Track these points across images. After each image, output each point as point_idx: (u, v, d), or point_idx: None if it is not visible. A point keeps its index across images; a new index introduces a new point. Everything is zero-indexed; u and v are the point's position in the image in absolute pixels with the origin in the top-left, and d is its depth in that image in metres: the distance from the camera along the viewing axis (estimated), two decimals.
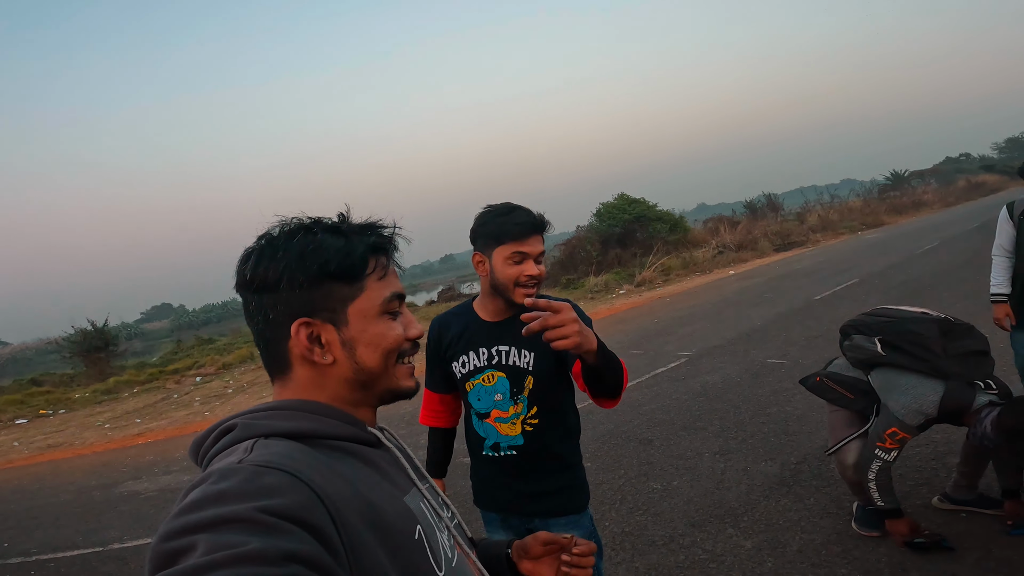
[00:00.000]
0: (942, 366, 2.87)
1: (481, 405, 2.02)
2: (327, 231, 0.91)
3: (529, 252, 1.85)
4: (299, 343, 0.89)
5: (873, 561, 2.95)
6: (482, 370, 2.00)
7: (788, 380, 6.12)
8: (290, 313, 0.89)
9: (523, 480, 2.02)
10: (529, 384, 1.96)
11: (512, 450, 1.99)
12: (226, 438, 0.83)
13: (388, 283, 0.94)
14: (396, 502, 0.86)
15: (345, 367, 0.91)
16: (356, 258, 0.90)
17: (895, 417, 2.90)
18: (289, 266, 0.88)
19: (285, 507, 0.66)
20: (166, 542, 0.62)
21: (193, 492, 0.68)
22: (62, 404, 14.62)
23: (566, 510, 2.03)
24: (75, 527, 5.79)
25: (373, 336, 0.92)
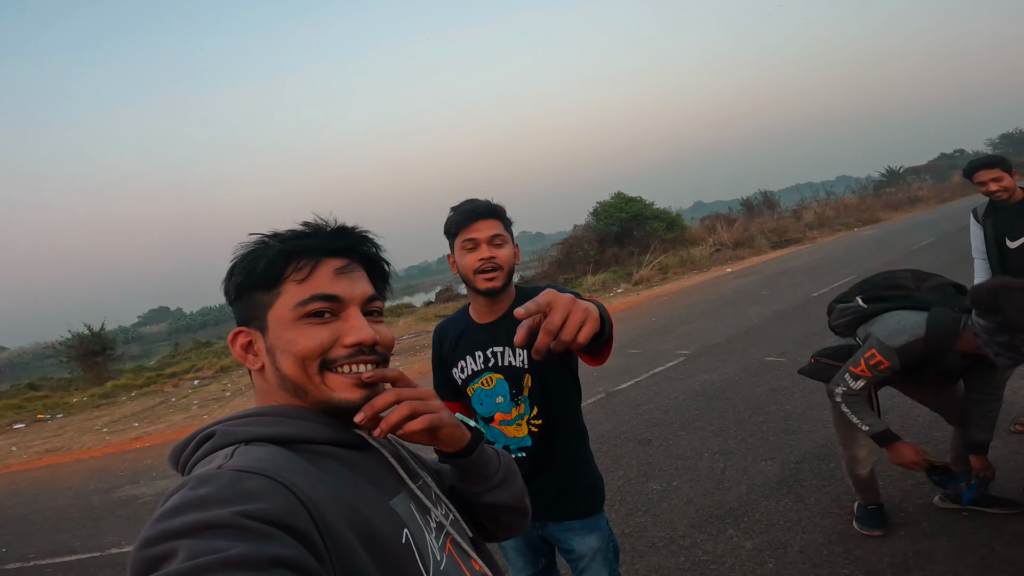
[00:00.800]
0: (921, 296, 2.86)
1: (484, 409, 2.00)
2: (259, 242, 0.93)
3: (478, 237, 1.85)
4: (235, 350, 0.94)
5: (875, 561, 2.94)
6: (480, 373, 1.98)
7: (787, 378, 6.12)
8: (238, 323, 0.95)
9: (535, 483, 1.92)
10: (528, 383, 1.93)
11: (521, 452, 1.97)
12: (206, 445, 0.83)
13: (311, 285, 0.90)
14: (382, 507, 0.86)
15: (271, 373, 0.91)
16: (265, 264, 0.90)
17: (876, 339, 2.77)
18: (228, 280, 0.94)
19: (267, 511, 0.65)
20: (146, 548, 0.61)
21: (172, 498, 0.67)
22: (60, 408, 14.61)
23: (580, 513, 2.00)
24: (73, 532, 5.78)
25: (285, 342, 0.89)
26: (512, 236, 1.96)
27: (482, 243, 1.85)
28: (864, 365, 2.78)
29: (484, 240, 1.85)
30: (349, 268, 0.94)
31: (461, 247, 1.88)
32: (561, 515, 1.99)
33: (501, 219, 1.90)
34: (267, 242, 0.93)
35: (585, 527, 1.98)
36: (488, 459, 1.08)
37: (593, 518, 2.01)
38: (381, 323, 0.98)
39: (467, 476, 1.06)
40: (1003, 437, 3.92)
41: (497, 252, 1.86)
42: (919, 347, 2.69)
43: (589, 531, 1.98)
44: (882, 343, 2.74)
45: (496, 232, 1.87)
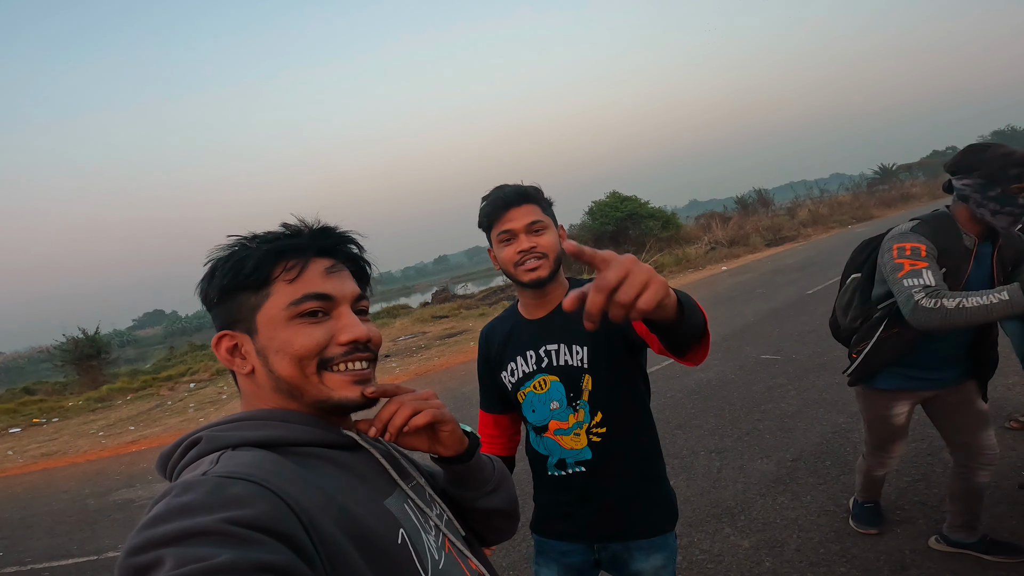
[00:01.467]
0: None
1: (536, 417, 1.77)
2: (241, 244, 0.92)
3: (514, 227, 1.66)
4: (220, 354, 0.92)
5: (872, 559, 2.94)
6: (532, 375, 1.75)
7: (782, 376, 6.14)
8: (218, 327, 0.93)
9: (598, 500, 1.73)
10: (587, 385, 1.69)
11: (580, 467, 1.73)
12: (192, 451, 0.82)
13: (302, 284, 0.90)
14: (375, 507, 0.85)
15: (263, 376, 0.90)
16: (253, 265, 0.89)
17: (887, 243, 2.41)
18: (207, 284, 0.93)
19: (253, 517, 0.65)
20: (132, 556, 0.60)
21: (157, 505, 0.67)
22: (55, 412, 14.59)
23: (649, 532, 1.74)
24: (70, 535, 5.78)
25: (280, 343, 0.88)
26: (555, 218, 1.75)
27: (519, 233, 1.66)
28: (907, 260, 2.30)
29: (520, 229, 1.66)
30: (337, 268, 0.94)
31: (498, 240, 1.70)
32: (627, 533, 1.75)
33: (537, 202, 1.70)
34: (247, 244, 0.92)
35: (653, 546, 1.74)
36: (483, 464, 1.09)
37: (663, 536, 1.76)
38: (369, 321, 0.98)
39: (463, 481, 1.07)
40: (997, 434, 3.93)
41: (538, 240, 1.66)
42: (927, 229, 2.36)
43: (657, 549, 1.74)
44: (895, 236, 2.40)
45: (533, 218, 1.67)
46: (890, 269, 2.34)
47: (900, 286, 2.27)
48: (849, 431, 4.46)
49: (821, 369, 6.12)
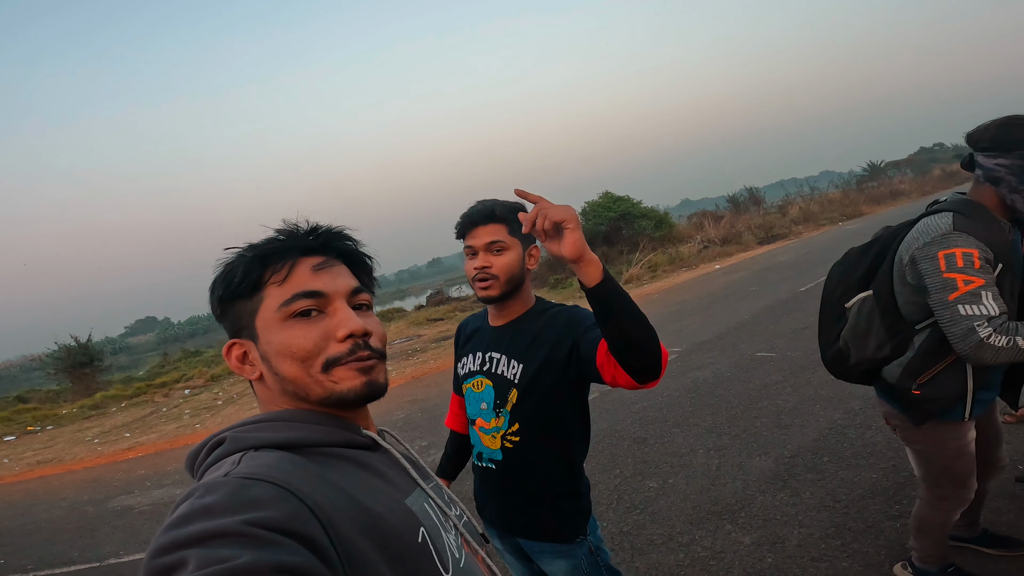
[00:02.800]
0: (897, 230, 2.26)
1: (470, 410, 1.94)
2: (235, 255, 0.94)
3: (475, 244, 1.76)
4: (231, 362, 0.94)
5: (873, 554, 2.97)
6: (474, 375, 1.92)
7: (777, 373, 6.17)
8: (229, 337, 0.96)
9: (504, 497, 1.88)
10: (512, 398, 1.80)
11: (491, 463, 1.88)
12: (216, 451, 0.83)
13: (292, 285, 0.91)
14: (397, 506, 0.85)
15: (272, 380, 0.91)
16: (241, 273, 0.91)
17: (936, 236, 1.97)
18: (210, 299, 0.96)
19: (274, 519, 0.66)
20: (157, 558, 0.62)
21: (181, 507, 0.68)
22: (50, 420, 14.50)
23: (549, 537, 1.83)
24: (70, 543, 5.75)
25: (279, 346, 0.89)
26: (524, 239, 1.80)
27: (479, 250, 1.76)
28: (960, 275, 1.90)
29: (481, 247, 1.76)
30: (327, 264, 0.94)
31: (465, 252, 1.81)
32: (527, 534, 1.87)
33: (505, 222, 1.77)
34: (243, 253, 0.94)
35: (556, 551, 1.83)
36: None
37: (565, 546, 1.82)
38: (371, 316, 0.98)
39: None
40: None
41: (494, 260, 1.75)
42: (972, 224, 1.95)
43: (561, 556, 1.83)
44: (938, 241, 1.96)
45: (494, 238, 1.75)
46: (938, 287, 1.93)
47: (955, 313, 1.90)
48: (845, 427, 4.49)
49: (816, 365, 6.13)
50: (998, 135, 1.92)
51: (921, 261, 1.98)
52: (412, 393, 9.20)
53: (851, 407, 4.84)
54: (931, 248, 1.95)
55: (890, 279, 2.15)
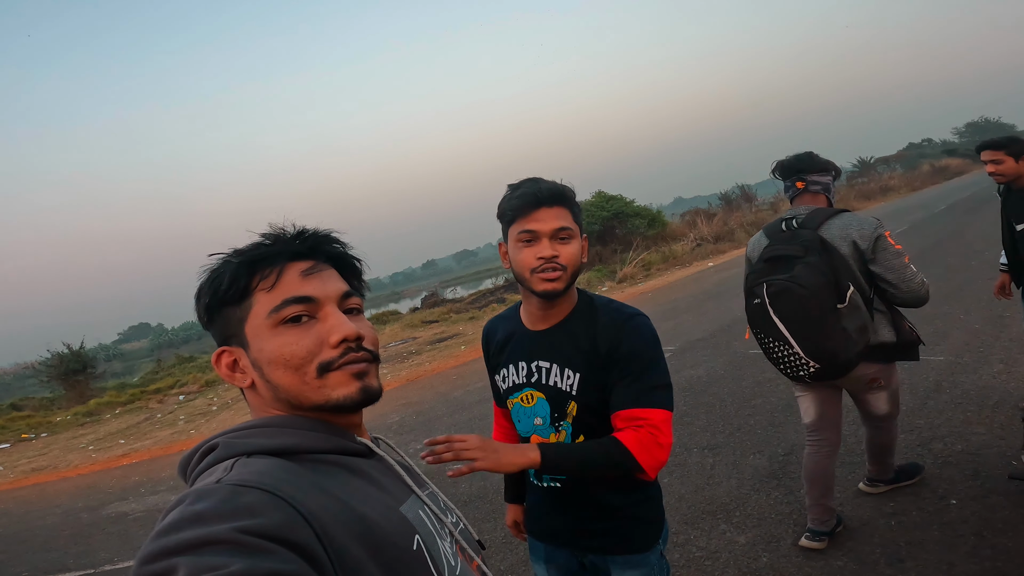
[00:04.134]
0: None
1: (522, 427, 1.74)
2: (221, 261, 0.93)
3: (539, 229, 1.51)
4: (221, 371, 0.93)
5: (868, 552, 2.98)
6: (520, 388, 1.70)
7: (770, 370, 6.15)
8: (217, 344, 0.94)
9: (572, 515, 1.71)
10: (572, 410, 1.63)
11: (556, 482, 1.70)
12: (209, 457, 0.82)
13: (281, 291, 0.89)
14: (391, 513, 0.84)
15: (264, 388, 0.90)
16: (229, 280, 0.89)
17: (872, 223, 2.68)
18: (197, 304, 0.94)
19: (266, 527, 0.65)
20: (146, 565, 0.61)
21: (171, 513, 0.67)
22: (44, 428, 14.45)
23: (623, 550, 1.70)
24: (65, 549, 5.74)
25: (271, 353, 0.87)
26: (581, 227, 1.61)
27: (544, 237, 1.52)
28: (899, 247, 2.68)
29: (547, 233, 1.52)
30: (316, 269, 0.93)
31: (517, 239, 1.55)
32: (601, 548, 1.72)
33: (570, 207, 1.56)
34: (229, 259, 0.92)
35: (629, 562, 1.70)
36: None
37: (640, 555, 1.70)
38: (362, 319, 0.96)
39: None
40: (986, 424, 3.99)
41: (562, 249, 1.53)
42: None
43: (633, 566, 1.70)
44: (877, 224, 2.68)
45: (563, 224, 1.53)
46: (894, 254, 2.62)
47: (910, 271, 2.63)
48: None
49: None
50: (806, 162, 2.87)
51: (880, 240, 2.63)
52: (407, 396, 9.18)
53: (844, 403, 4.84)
54: (879, 231, 2.63)
55: (849, 271, 2.62)
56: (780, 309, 2.61)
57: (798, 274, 2.56)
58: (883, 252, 2.63)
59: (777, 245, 2.78)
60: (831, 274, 2.56)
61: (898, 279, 2.62)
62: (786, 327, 2.62)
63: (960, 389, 4.56)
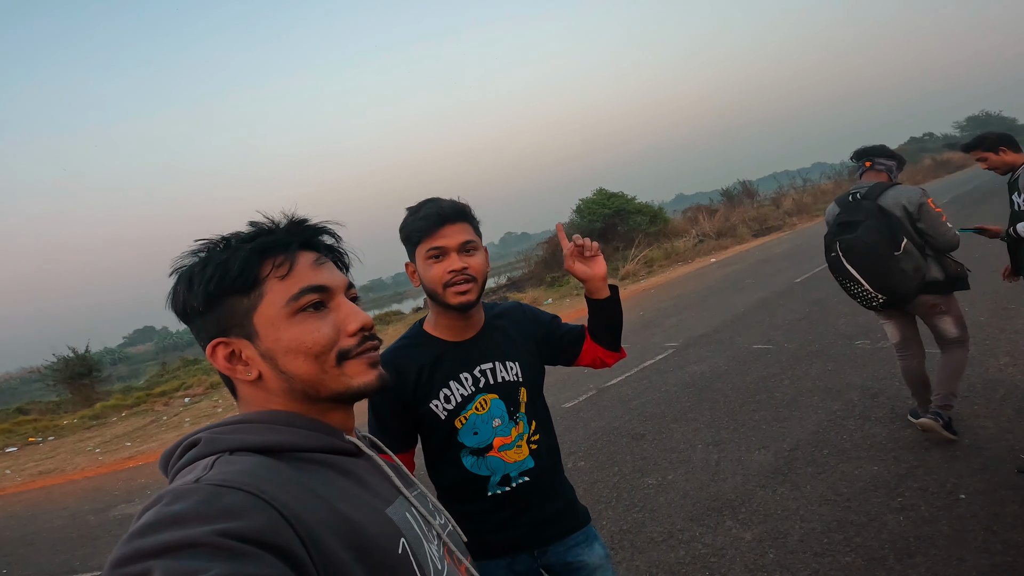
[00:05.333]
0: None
1: (479, 439, 1.70)
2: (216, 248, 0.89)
3: (446, 245, 1.58)
4: (219, 363, 0.88)
5: (876, 548, 2.95)
6: (472, 398, 1.70)
7: (775, 365, 6.17)
8: (208, 337, 0.88)
9: (537, 508, 1.75)
10: (523, 397, 1.74)
11: (524, 476, 1.73)
12: (190, 453, 0.79)
13: (296, 279, 0.87)
14: (377, 515, 0.82)
15: (274, 380, 0.87)
16: (238, 267, 0.85)
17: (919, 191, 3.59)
18: (187, 294, 0.88)
19: (247, 529, 0.63)
20: (119, 568, 0.58)
21: (147, 514, 0.64)
22: (51, 431, 14.52)
23: (579, 524, 1.82)
24: (72, 552, 5.75)
25: (290, 342, 0.85)
26: (481, 238, 1.68)
27: (451, 251, 1.58)
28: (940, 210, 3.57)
29: (453, 248, 1.58)
30: (322, 259, 0.92)
31: (426, 256, 1.60)
32: (562, 532, 1.78)
33: (471, 221, 1.64)
34: (222, 246, 0.89)
35: (588, 537, 1.81)
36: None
37: (589, 526, 1.85)
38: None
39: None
40: (994, 417, 3.97)
41: (469, 261, 1.60)
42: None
43: (592, 540, 1.82)
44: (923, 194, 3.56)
45: (467, 238, 1.60)
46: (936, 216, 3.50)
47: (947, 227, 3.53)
48: (844, 419, 4.48)
49: (814, 357, 6.15)
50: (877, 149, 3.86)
51: (923, 206, 3.50)
52: None
53: (850, 398, 4.84)
54: (923, 199, 3.53)
55: (904, 228, 3.49)
56: (851, 259, 3.56)
57: (861, 233, 3.50)
58: (926, 214, 3.50)
59: (845, 212, 3.72)
60: (887, 231, 3.46)
61: (936, 233, 3.51)
62: (857, 271, 3.55)
63: (966, 383, 4.53)
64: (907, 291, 3.50)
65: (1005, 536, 2.82)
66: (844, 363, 5.77)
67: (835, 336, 6.74)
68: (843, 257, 3.57)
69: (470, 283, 1.60)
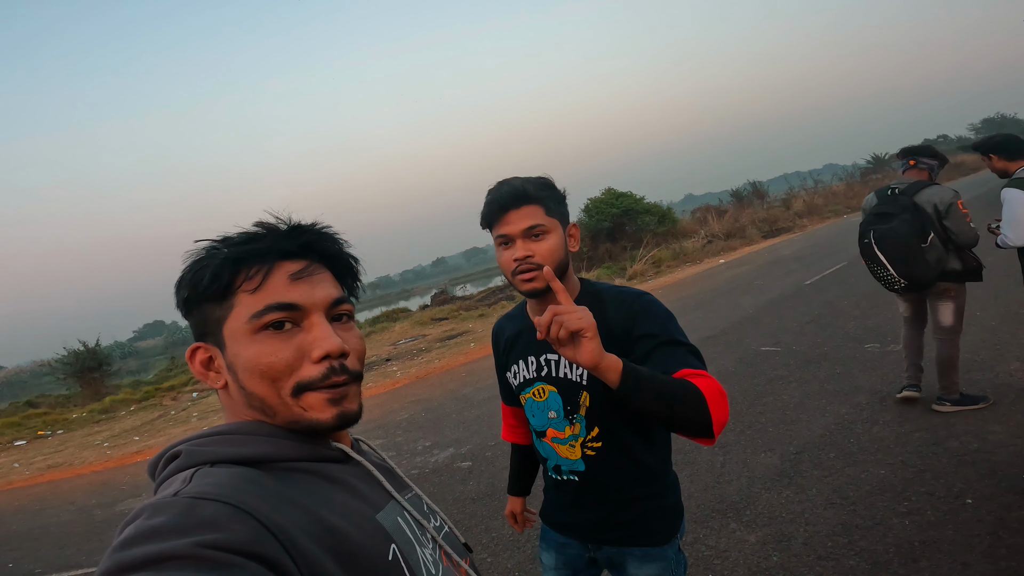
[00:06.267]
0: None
1: (536, 422, 1.73)
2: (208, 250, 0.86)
3: (510, 232, 1.53)
4: (194, 367, 0.88)
5: (881, 552, 2.94)
6: (531, 382, 1.70)
7: (783, 367, 6.14)
8: (194, 338, 0.88)
9: (590, 508, 1.70)
10: (585, 401, 1.62)
11: (573, 475, 1.69)
12: (171, 465, 0.78)
13: (265, 294, 0.82)
14: (366, 522, 0.80)
15: (236, 392, 0.85)
16: (211, 275, 0.82)
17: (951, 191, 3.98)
18: (177, 294, 0.87)
19: (229, 540, 0.62)
20: None
21: (128, 528, 0.63)
22: (60, 425, 14.59)
23: (641, 542, 1.68)
24: (79, 546, 5.76)
25: (246, 361, 0.81)
26: (564, 216, 1.61)
27: (516, 238, 1.53)
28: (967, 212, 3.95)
29: (518, 234, 1.53)
30: (307, 271, 0.86)
31: (497, 243, 1.59)
32: (618, 541, 1.70)
33: (540, 202, 1.55)
34: (215, 249, 0.86)
35: (647, 555, 1.68)
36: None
37: (659, 548, 1.68)
38: (351, 329, 0.90)
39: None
40: (1003, 423, 3.95)
41: (536, 247, 1.53)
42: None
43: (651, 560, 1.68)
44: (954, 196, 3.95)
45: (533, 223, 1.53)
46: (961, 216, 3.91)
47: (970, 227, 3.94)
48: (852, 422, 4.46)
49: (822, 359, 6.12)
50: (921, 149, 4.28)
51: (952, 207, 3.92)
52: (416, 393, 9.19)
53: (858, 401, 4.81)
54: (953, 200, 3.93)
55: (932, 224, 3.94)
56: (882, 246, 3.98)
57: (895, 226, 3.93)
58: (953, 214, 3.92)
59: (882, 204, 4.15)
60: (917, 225, 3.90)
61: (959, 231, 3.92)
62: (885, 258, 3.98)
63: (977, 387, 4.51)
64: (928, 279, 3.96)
65: (1010, 541, 2.81)
66: (853, 366, 5.74)
67: (844, 339, 6.71)
68: (875, 244, 4.01)
69: (535, 270, 1.52)
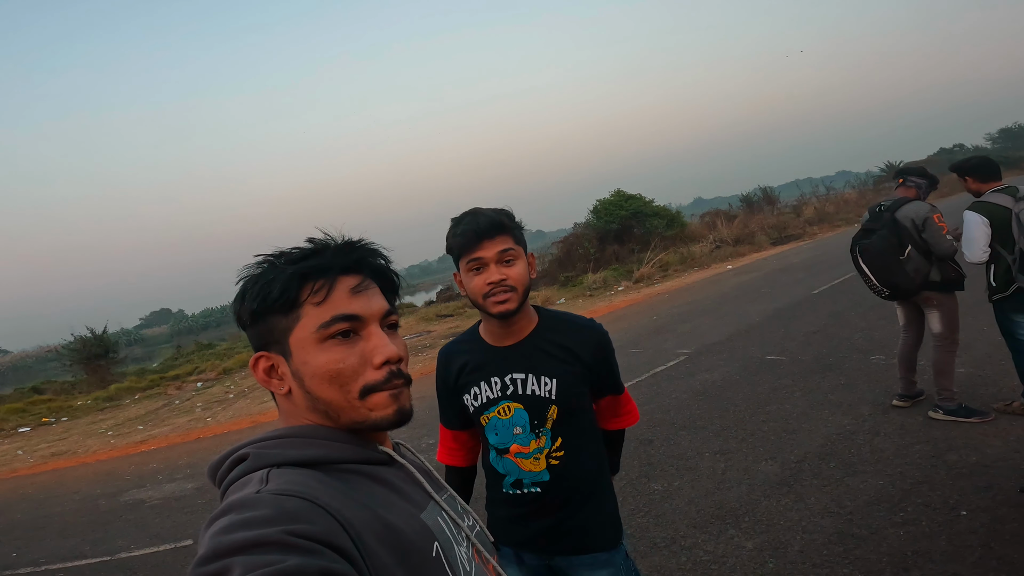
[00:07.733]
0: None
1: (499, 440, 1.80)
2: (268, 264, 0.93)
3: (484, 256, 1.63)
4: (257, 375, 0.94)
5: (874, 561, 2.97)
6: (496, 402, 1.77)
7: (787, 376, 6.16)
8: (255, 347, 0.95)
9: (548, 518, 1.79)
10: (552, 415, 1.74)
11: (536, 487, 1.78)
12: (239, 467, 0.84)
13: (330, 306, 0.89)
14: (413, 520, 0.87)
15: (301, 398, 0.91)
16: (280, 289, 0.89)
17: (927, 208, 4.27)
18: (239, 306, 0.94)
19: (312, 531, 0.68)
20: (202, 566, 0.64)
21: (219, 521, 0.70)
22: (64, 412, 14.64)
23: (592, 547, 1.80)
24: (82, 536, 5.81)
25: (316, 367, 0.88)
26: (525, 245, 1.73)
27: (490, 262, 1.63)
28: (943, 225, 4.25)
29: (491, 259, 1.63)
30: (364, 285, 0.93)
31: (467, 268, 1.67)
32: (572, 549, 1.80)
33: (511, 232, 1.66)
34: (274, 263, 0.92)
35: (596, 562, 1.79)
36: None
37: (607, 553, 1.81)
38: (398, 337, 0.98)
39: None
40: (1001, 436, 3.96)
41: (508, 271, 1.64)
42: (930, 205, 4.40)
43: (601, 565, 1.79)
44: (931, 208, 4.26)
45: (504, 247, 1.64)
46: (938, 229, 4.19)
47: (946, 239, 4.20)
48: (854, 433, 4.49)
49: (826, 370, 6.14)
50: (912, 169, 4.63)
51: (928, 220, 4.22)
52: (420, 390, 9.20)
53: (860, 412, 4.83)
54: (929, 215, 4.24)
55: (911, 237, 4.25)
56: (865, 259, 4.44)
57: (875, 240, 4.37)
58: (929, 228, 4.21)
59: (870, 220, 4.53)
60: (895, 239, 4.26)
61: (935, 243, 4.21)
62: (868, 269, 4.44)
63: (979, 401, 4.53)
64: (908, 287, 4.30)
65: (1002, 552, 2.84)
66: (857, 377, 5.76)
67: (850, 350, 6.72)
68: (860, 257, 4.49)
69: (509, 293, 1.64)
